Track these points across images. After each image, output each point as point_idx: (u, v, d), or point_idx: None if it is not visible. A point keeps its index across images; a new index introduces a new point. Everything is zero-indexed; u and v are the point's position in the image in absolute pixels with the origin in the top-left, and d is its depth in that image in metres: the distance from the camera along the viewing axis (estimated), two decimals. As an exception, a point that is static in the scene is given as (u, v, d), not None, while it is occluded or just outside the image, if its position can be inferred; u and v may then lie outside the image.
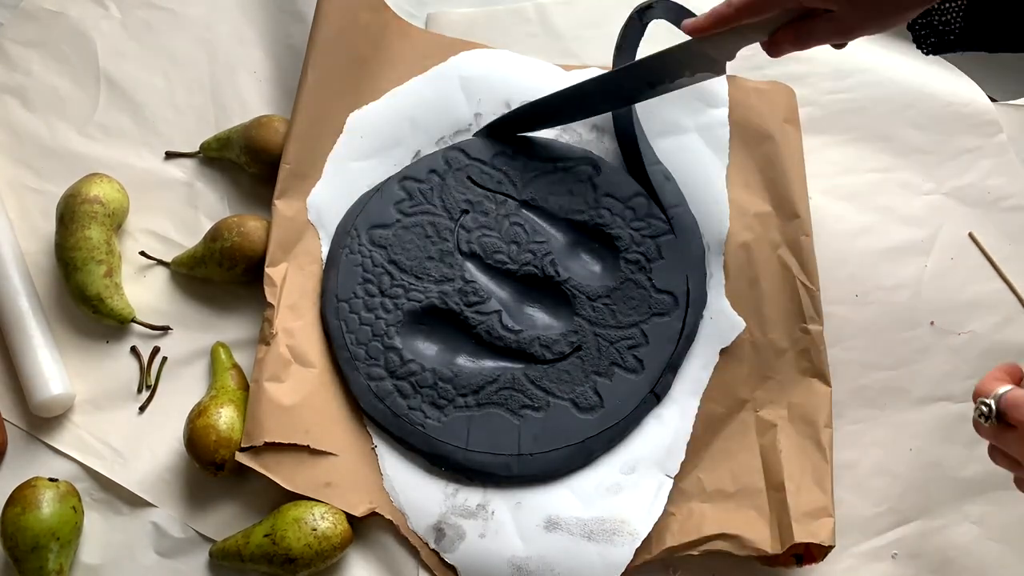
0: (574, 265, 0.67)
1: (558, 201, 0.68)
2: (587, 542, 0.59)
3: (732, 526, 0.60)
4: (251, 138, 0.68)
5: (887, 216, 0.72)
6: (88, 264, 0.65)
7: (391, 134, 0.70)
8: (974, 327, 0.69)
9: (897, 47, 0.77)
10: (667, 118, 0.70)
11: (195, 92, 0.74)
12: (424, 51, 0.72)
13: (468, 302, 0.65)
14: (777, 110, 0.71)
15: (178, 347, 0.66)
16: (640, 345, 0.64)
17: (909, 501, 0.63)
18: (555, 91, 0.67)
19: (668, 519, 0.60)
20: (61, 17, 0.76)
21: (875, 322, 0.68)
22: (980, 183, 0.73)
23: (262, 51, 0.75)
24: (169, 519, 0.61)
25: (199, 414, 0.60)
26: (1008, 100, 0.75)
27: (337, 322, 0.64)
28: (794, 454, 0.63)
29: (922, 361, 0.68)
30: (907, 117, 0.74)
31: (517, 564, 0.59)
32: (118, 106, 0.73)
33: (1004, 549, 0.63)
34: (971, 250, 0.71)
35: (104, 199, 0.66)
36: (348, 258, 0.66)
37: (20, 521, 0.57)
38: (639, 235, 0.67)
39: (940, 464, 0.65)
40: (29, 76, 0.74)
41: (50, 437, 0.64)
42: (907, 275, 0.70)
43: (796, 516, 0.60)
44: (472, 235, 0.67)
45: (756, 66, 0.75)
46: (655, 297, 0.66)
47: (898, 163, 0.73)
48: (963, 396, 0.67)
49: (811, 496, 0.61)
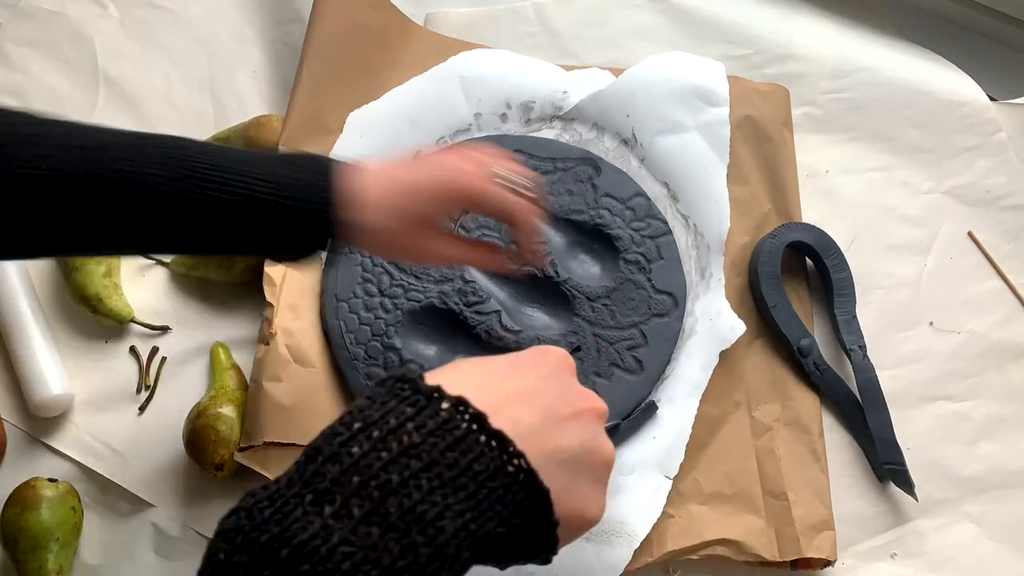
0: (574, 265, 0.67)
1: (558, 201, 0.68)
2: (586, 542, 0.59)
3: (732, 531, 0.60)
4: (250, 138, 0.68)
5: (886, 215, 0.72)
6: (87, 264, 0.65)
7: (391, 134, 0.70)
8: (973, 326, 0.69)
9: (897, 46, 0.77)
10: (668, 116, 0.70)
11: (194, 92, 0.74)
12: (424, 51, 0.72)
13: (467, 302, 0.65)
14: (777, 112, 0.71)
15: (177, 347, 0.66)
16: (639, 346, 0.64)
17: (909, 501, 0.63)
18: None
19: (668, 521, 0.60)
20: (60, 17, 0.75)
21: (875, 321, 0.68)
22: (979, 182, 0.73)
23: (261, 51, 0.75)
24: (169, 519, 0.61)
25: (199, 414, 0.60)
26: (1007, 99, 0.75)
27: (336, 322, 0.64)
28: (792, 463, 0.63)
29: (922, 360, 0.68)
30: (906, 116, 0.74)
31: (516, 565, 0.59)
32: (117, 106, 0.73)
33: (1003, 548, 0.64)
34: (970, 249, 0.71)
35: (103, 199, 0.66)
36: (347, 258, 0.66)
37: (20, 521, 0.57)
38: (639, 235, 0.67)
39: (940, 463, 0.65)
40: (28, 76, 0.74)
41: (50, 437, 0.64)
42: (906, 274, 0.70)
43: (801, 529, 0.61)
44: (472, 235, 0.67)
45: (754, 66, 0.75)
46: (655, 298, 0.66)
47: (897, 162, 0.73)
48: (963, 396, 0.67)
49: (812, 509, 0.62)
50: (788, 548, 0.61)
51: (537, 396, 0.38)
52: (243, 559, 0.31)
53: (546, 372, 0.40)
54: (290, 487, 0.33)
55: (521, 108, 0.71)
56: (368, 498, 0.32)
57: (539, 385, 0.39)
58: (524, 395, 0.38)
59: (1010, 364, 0.68)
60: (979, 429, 0.66)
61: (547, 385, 0.39)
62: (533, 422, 0.37)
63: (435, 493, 0.33)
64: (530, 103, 0.71)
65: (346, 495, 0.32)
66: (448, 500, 0.33)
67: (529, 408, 0.37)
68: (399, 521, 0.32)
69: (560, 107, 0.71)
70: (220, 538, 0.32)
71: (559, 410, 0.38)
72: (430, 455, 0.33)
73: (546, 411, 0.38)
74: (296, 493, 0.32)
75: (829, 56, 0.75)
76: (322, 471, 0.33)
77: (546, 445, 0.37)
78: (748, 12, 0.77)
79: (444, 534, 0.33)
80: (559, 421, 0.38)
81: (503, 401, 0.37)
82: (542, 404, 0.38)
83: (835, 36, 0.77)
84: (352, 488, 0.32)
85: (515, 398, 0.37)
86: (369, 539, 0.31)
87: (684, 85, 0.70)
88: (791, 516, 0.61)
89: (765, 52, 0.75)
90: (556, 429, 0.38)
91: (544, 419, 0.38)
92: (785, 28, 0.77)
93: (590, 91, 0.71)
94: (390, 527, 0.32)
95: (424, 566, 0.32)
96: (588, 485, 0.39)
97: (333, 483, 0.32)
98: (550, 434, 0.37)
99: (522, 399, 0.38)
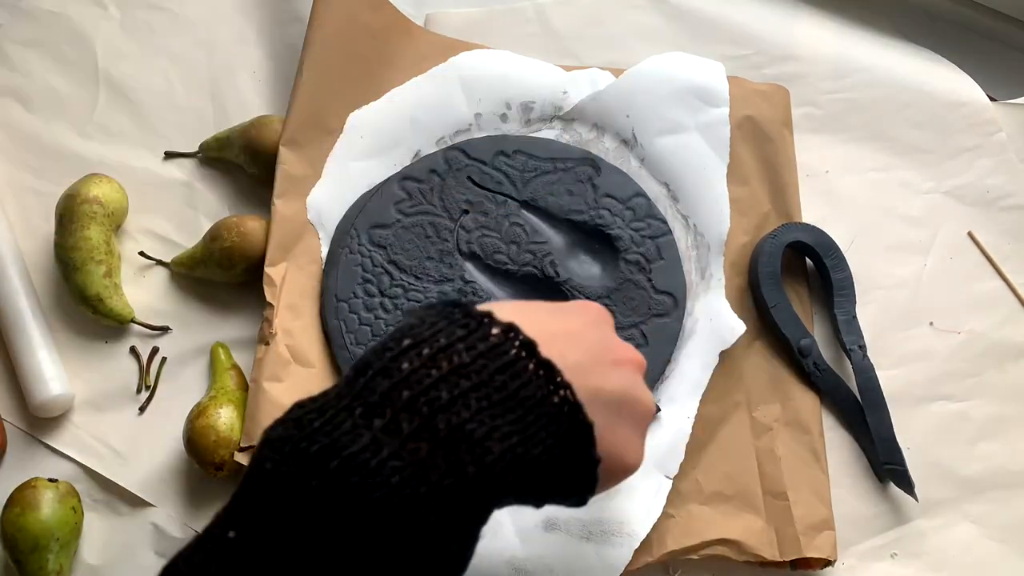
0: (574, 265, 0.67)
1: (558, 201, 0.68)
2: (586, 543, 0.59)
3: (732, 531, 0.60)
4: (251, 138, 0.68)
5: (886, 215, 0.72)
6: (87, 264, 0.65)
7: (391, 134, 0.70)
8: (973, 326, 0.69)
9: (897, 46, 0.77)
10: (668, 117, 0.70)
11: (194, 92, 0.74)
12: (424, 51, 0.72)
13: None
14: (777, 112, 0.71)
15: (177, 347, 0.66)
16: (640, 346, 0.64)
17: (909, 501, 0.63)
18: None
19: (668, 521, 0.61)
20: (61, 17, 0.75)
21: (875, 321, 0.68)
22: (979, 182, 0.73)
23: (262, 51, 0.75)
24: (169, 519, 0.61)
25: (199, 414, 0.60)
26: (1007, 99, 0.75)
27: (336, 322, 0.64)
28: (792, 463, 0.63)
29: (922, 360, 0.68)
30: (906, 116, 0.74)
31: (516, 565, 0.59)
32: (117, 106, 0.73)
33: (1004, 548, 0.64)
34: (970, 249, 0.71)
35: (103, 199, 0.66)
36: (348, 258, 0.66)
37: (20, 522, 0.57)
38: (639, 236, 0.67)
39: (940, 463, 0.65)
40: (28, 77, 0.74)
41: (50, 437, 0.64)
42: (906, 274, 0.70)
43: (801, 529, 0.61)
44: (472, 235, 0.67)
45: (754, 66, 0.75)
46: (655, 298, 0.66)
47: (897, 162, 0.73)
48: (963, 396, 0.67)
49: (812, 509, 0.62)
50: (788, 548, 0.61)
51: (583, 338, 0.39)
52: (291, 469, 0.31)
53: (590, 320, 0.41)
54: (339, 399, 0.33)
55: (521, 108, 0.71)
56: (418, 413, 0.32)
57: (584, 330, 0.39)
58: (570, 335, 0.38)
59: (1010, 364, 0.68)
60: (979, 429, 0.66)
61: (592, 331, 0.40)
62: (580, 360, 0.37)
63: (483, 413, 0.33)
64: (530, 103, 0.71)
65: (396, 409, 0.32)
66: (496, 422, 0.33)
67: (575, 347, 0.37)
68: (447, 438, 0.32)
69: (560, 107, 0.71)
70: (267, 447, 0.32)
71: (603, 355, 0.39)
72: (479, 376, 0.33)
73: (591, 352, 0.38)
74: (346, 406, 0.32)
75: (829, 56, 0.75)
76: (372, 385, 0.33)
77: (590, 383, 0.37)
78: (748, 12, 0.77)
79: (491, 454, 0.33)
80: (603, 363, 0.38)
81: (550, 337, 0.36)
82: (587, 346, 0.38)
83: (835, 36, 0.77)
84: (402, 403, 0.32)
85: (562, 336, 0.38)
86: (418, 455, 0.31)
87: (684, 85, 0.70)
88: (791, 516, 0.61)
89: (765, 52, 0.75)
90: (600, 371, 0.38)
91: (590, 359, 0.38)
92: (785, 28, 0.76)
93: (590, 91, 0.71)
94: (438, 444, 0.32)
95: (470, 484, 0.32)
96: (629, 429, 0.39)
97: (383, 397, 0.32)
98: (595, 374, 0.37)
99: (569, 338, 0.38)
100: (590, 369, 0.37)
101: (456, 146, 0.69)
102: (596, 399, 0.37)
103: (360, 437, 0.31)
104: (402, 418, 0.32)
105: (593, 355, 0.38)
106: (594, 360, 0.38)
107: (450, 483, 0.32)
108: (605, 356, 0.39)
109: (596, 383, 0.37)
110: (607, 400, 0.37)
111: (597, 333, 0.40)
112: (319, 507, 0.31)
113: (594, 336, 0.40)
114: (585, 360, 0.37)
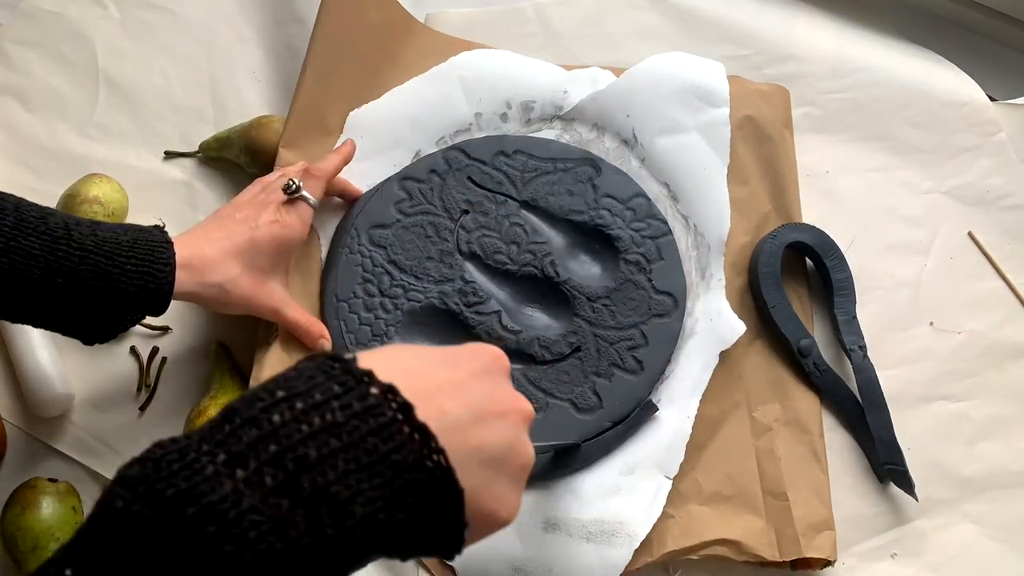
0: (574, 265, 0.67)
1: (558, 201, 0.68)
2: (586, 543, 0.59)
3: (732, 531, 0.60)
4: (251, 138, 0.68)
5: (886, 215, 0.72)
6: (88, 264, 0.65)
7: (391, 134, 0.70)
8: (973, 326, 0.69)
9: (897, 46, 0.77)
10: (668, 117, 0.70)
11: (194, 92, 0.74)
12: (425, 51, 0.72)
13: (467, 302, 0.65)
14: (777, 113, 0.71)
15: (178, 347, 0.66)
16: (640, 346, 0.64)
17: (909, 501, 0.63)
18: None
19: (668, 522, 0.61)
20: (60, 17, 0.76)
21: (875, 321, 0.68)
22: (979, 182, 0.73)
23: (261, 51, 0.75)
24: (169, 519, 0.61)
25: (199, 415, 0.60)
26: (1007, 99, 0.75)
27: (337, 322, 0.64)
28: (792, 463, 0.63)
29: (922, 360, 0.68)
30: (906, 116, 0.74)
31: (516, 565, 0.59)
32: (117, 106, 0.73)
33: (1004, 548, 0.64)
34: (970, 249, 0.71)
35: (103, 199, 0.66)
36: (348, 258, 0.66)
37: (20, 521, 0.58)
38: (639, 236, 0.67)
39: (940, 463, 0.65)
40: (28, 76, 0.74)
41: (50, 437, 0.64)
42: (906, 274, 0.70)
43: (801, 529, 0.61)
44: (472, 235, 0.67)
45: (754, 66, 0.75)
46: (655, 298, 0.66)
47: (897, 162, 0.73)
48: (963, 396, 0.67)
49: (812, 509, 0.62)
50: (788, 548, 0.61)
51: (468, 390, 0.38)
52: (144, 510, 0.30)
53: (479, 368, 0.40)
54: (202, 444, 0.32)
55: (521, 108, 0.71)
56: (283, 469, 0.31)
57: (471, 380, 0.39)
58: (455, 387, 0.38)
59: (1010, 364, 0.68)
60: (979, 429, 0.66)
61: (479, 381, 0.39)
62: (460, 416, 0.36)
63: (350, 476, 0.32)
64: (531, 103, 0.71)
65: (260, 462, 0.31)
66: (362, 485, 0.32)
67: (458, 401, 0.37)
68: (310, 498, 0.31)
69: (560, 107, 0.71)
70: (120, 485, 0.31)
71: (487, 407, 0.38)
72: (351, 437, 0.32)
73: (474, 406, 0.37)
74: (208, 451, 0.31)
75: (829, 56, 0.75)
76: (238, 433, 0.32)
77: (469, 440, 0.36)
78: (748, 12, 0.77)
79: (352, 519, 0.32)
80: (486, 418, 0.38)
81: (433, 391, 0.36)
82: (471, 399, 0.38)
83: (835, 36, 0.77)
84: (268, 456, 0.31)
85: (446, 389, 0.37)
86: (279, 511, 0.31)
87: (684, 85, 0.70)
88: (791, 516, 0.61)
89: (765, 52, 0.75)
90: (482, 426, 0.37)
91: (472, 414, 0.37)
92: (785, 28, 0.77)
93: (590, 91, 0.71)
94: (300, 502, 0.31)
95: (328, 546, 0.32)
96: (505, 486, 0.38)
97: (249, 447, 0.31)
98: (475, 430, 0.37)
99: (452, 391, 0.37)
100: (471, 425, 0.37)
101: (456, 146, 0.69)
102: (473, 456, 0.36)
103: (221, 486, 0.30)
104: (266, 472, 0.31)
105: (476, 409, 0.38)
106: (477, 415, 0.37)
107: (307, 543, 0.31)
108: (490, 408, 0.38)
109: (477, 441, 0.37)
110: (485, 457, 0.37)
111: (485, 384, 0.39)
112: (168, 553, 0.29)
113: (480, 388, 0.39)
114: (466, 416, 0.37)
